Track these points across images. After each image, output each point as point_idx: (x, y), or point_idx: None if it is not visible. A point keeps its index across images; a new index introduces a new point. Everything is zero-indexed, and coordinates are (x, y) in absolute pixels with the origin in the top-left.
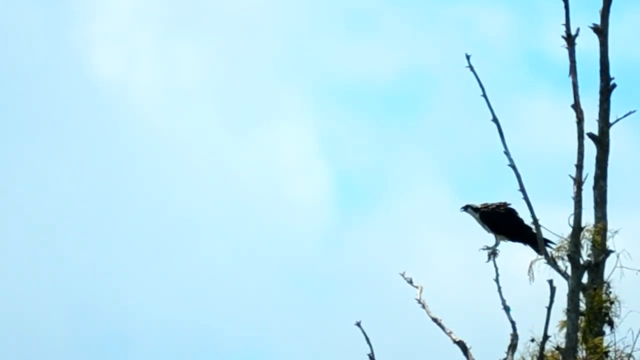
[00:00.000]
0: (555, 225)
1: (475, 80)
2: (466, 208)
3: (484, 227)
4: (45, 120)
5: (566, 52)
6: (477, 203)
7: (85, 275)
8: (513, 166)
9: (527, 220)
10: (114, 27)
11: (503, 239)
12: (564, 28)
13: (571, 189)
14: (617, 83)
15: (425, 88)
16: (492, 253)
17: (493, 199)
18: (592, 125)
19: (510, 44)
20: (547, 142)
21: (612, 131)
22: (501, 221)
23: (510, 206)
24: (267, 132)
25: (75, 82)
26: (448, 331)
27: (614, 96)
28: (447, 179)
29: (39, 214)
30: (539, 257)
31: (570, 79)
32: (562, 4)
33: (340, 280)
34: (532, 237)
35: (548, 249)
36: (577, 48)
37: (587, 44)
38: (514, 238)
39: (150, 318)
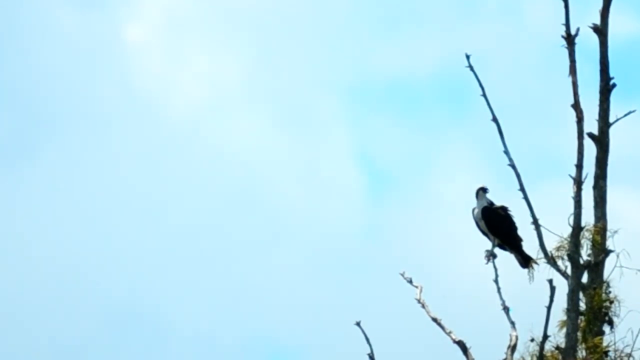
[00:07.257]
0: (555, 225)
1: (519, 69)
2: (478, 191)
3: (478, 224)
4: (88, 126)
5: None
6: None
7: (126, 286)
8: (513, 166)
9: (527, 220)
10: (155, 33)
11: (499, 242)
12: (564, 28)
13: (571, 189)
14: (616, 83)
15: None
16: (491, 255)
17: (537, 189)
18: (592, 125)
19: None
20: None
21: (612, 131)
22: (499, 223)
23: (509, 212)
24: (309, 130)
25: (116, 88)
26: (448, 331)
27: (613, 96)
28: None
29: (81, 223)
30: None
31: (570, 79)
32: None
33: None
34: (520, 248)
35: (548, 249)
36: (577, 48)
37: (588, 43)
38: (504, 243)
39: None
